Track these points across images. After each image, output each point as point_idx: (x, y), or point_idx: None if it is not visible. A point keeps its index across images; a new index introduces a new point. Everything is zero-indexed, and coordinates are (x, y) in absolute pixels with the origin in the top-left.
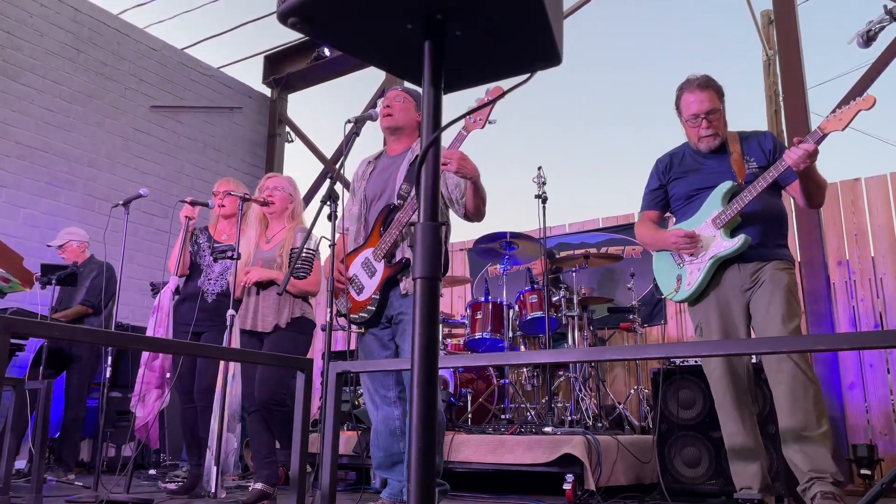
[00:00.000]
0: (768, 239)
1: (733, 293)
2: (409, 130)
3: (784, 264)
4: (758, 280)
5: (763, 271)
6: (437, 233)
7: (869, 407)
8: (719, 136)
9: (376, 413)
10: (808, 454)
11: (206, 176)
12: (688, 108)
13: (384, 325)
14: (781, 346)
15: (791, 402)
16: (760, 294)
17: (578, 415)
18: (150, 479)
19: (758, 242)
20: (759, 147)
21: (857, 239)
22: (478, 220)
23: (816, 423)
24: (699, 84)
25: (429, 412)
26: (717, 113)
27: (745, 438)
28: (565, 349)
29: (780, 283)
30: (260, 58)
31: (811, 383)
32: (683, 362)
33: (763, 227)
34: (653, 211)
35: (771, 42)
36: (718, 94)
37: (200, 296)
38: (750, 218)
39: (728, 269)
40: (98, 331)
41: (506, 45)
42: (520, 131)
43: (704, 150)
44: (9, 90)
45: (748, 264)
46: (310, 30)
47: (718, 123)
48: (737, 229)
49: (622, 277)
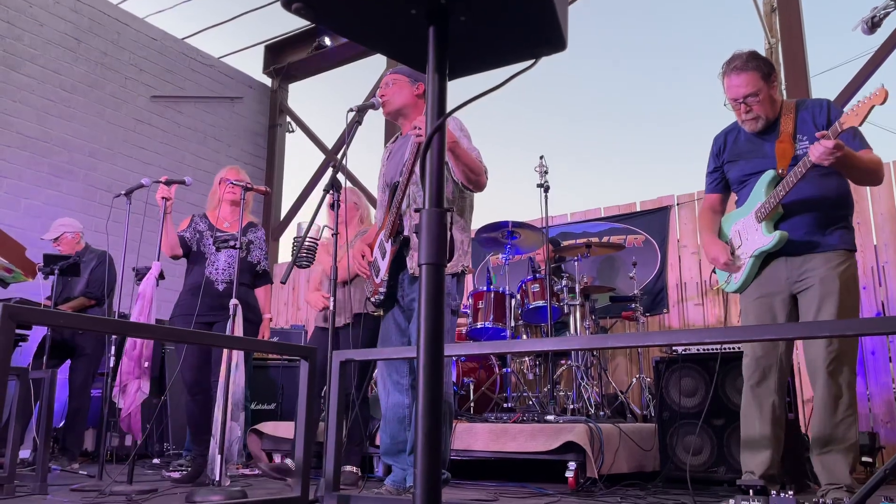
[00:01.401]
0: (817, 227)
1: (777, 286)
2: (411, 107)
3: (838, 257)
4: (806, 277)
5: (812, 267)
6: (443, 219)
7: (871, 395)
8: (762, 119)
9: (387, 399)
10: (828, 467)
11: (207, 166)
12: (728, 92)
13: (401, 309)
14: (785, 333)
15: (821, 415)
16: (809, 299)
17: (580, 403)
18: (153, 468)
19: (804, 232)
20: (813, 121)
21: (860, 227)
22: (478, 189)
23: (842, 438)
24: (737, 66)
25: (434, 399)
26: (758, 95)
27: (758, 427)
28: (568, 337)
29: (829, 290)
30: (260, 47)
31: (842, 396)
32: (685, 350)
33: (809, 216)
34: (713, 194)
35: (773, 30)
36: (762, 74)
37: (209, 285)
38: (793, 208)
39: (774, 262)
40: (103, 319)
41: (510, 30)
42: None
43: (750, 132)
44: (9, 80)
45: (795, 258)
46: (313, 16)
47: (760, 107)
48: (780, 220)
49: (624, 266)
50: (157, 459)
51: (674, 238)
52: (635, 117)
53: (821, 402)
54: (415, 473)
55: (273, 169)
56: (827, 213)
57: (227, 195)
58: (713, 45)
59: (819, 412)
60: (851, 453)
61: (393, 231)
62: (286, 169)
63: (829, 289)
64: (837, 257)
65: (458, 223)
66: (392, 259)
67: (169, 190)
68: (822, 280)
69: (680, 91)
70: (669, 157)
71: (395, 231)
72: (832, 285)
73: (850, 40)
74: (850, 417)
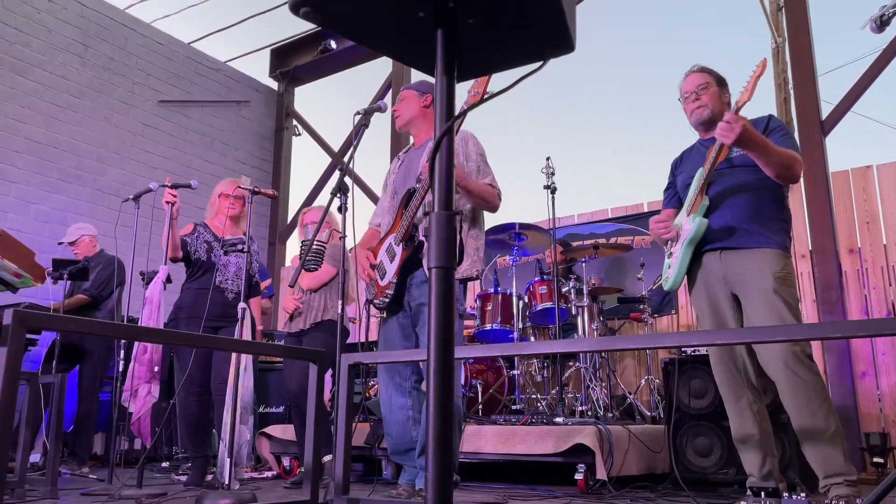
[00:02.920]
0: (745, 222)
1: (717, 281)
2: (421, 119)
3: (769, 256)
4: (740, 274)
5: (745, 265)
6: (452, 222)
7: (881, 395)
8: (707, 108)
9: (390, 401)
10: (819, 457)
11: (214, 170)
12: (682, 89)
13: (406, 313)
14: (793, 334)
15: (792, 406)
16: (745, 302)
17: (589, 405)
18: (162, 471)
19: (730, 225)
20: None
21: (869, 226)
22: (491, 212)
23: (824, 424)
24: (692, 70)
25: (446, 402)
26: (708, 88)
27: (742, 427)
28: (576, 339)
29: (761, 291)
30: (266, 51)
31: (804, 383)
32: (695, 351)
33: (736, 209)
34: (669, 209)
35: (780, 29)
36: (713, 77)
37: (220, 292)
38: (720, 200)
39: (707, 256)
40: (112, 324)
41: (518, 32)
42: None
43: (695, 123)
44: (18, 86)
45: (728, 251)
46: (321, 19)
47: (707, 97)
48: (709, 213)
49: (632, 267)
50: (165, 463)
51: None
52: (642, 117)
53: (789, 398)
54: (426, 478)
55: (280, 172)
56: (754, 210)
57: (229, 210)
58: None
59: (790, 407)
60: (839, 439)
61: (405, 235)
62: (293, 172)
63: (759, 293)
64: (769, 255)
65: (472, 233)
66: (403, 262)
67: (174, 194)
68: (756, 283)
69: None
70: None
71: (408, 235)
72: (763, 286)
73: (858, 39)
74: (825, 403)
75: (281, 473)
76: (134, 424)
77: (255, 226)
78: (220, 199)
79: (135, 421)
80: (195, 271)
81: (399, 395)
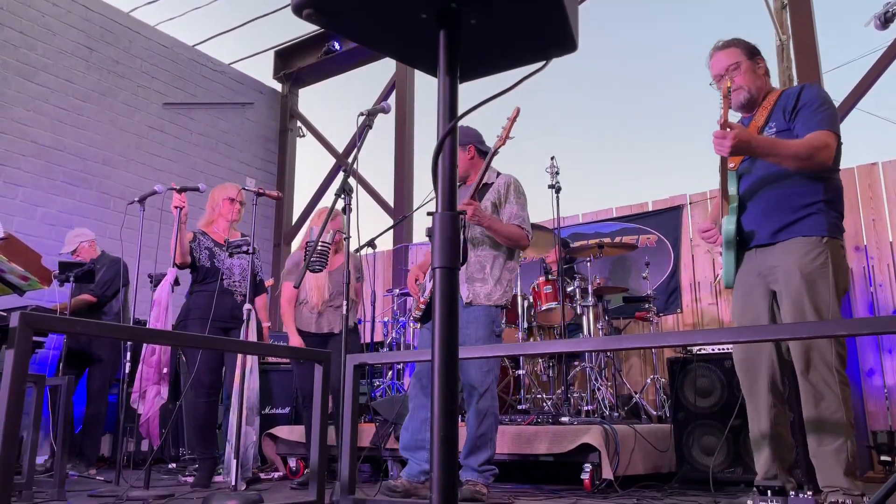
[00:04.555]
0: (771, 215)
1: (754, 279)
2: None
3: (797, 246)
4: (773, 269)
5: (777, 261)
6: (456, 222)
7: (888, 393)
8: (744, 90)
9: (415, 400)
10: (820, 469)
11: (219, 172)
12: (712, 70)
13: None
14: (801, 332)
15: (807, 416)
16: (779, 295)
17: (595, 405)
18: (169, 473)
19: (758, 222)
20: (783, 109)
21: (875, 224)
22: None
23: (829, 438)
24: (718, 46)
25: (450, 400)
26: (739, 67)
27: (755, 427)
28: (581, 338)
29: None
30: (270, 53)
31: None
32: (700, 350)
33: (763, 204)
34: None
35: (784, 26)
36: (742, 49)
37: (228, 294)
38: (749, 196)
39: (747, 255)
40: (119, 326)
41: (521, 32)
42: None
43: (735, 108)
44: (23, 90)
45: (763, 248)
46: (324, 21)
47: (742, 77)
48: (742, 212)
49: (636, 267)
50: (172, 464)
51: (686, 238)
52: (646, 117)
53: (803, 403)
54: (431, 476)
55: (284, 174)
56: (781, 198)
57: (233, 215)
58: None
59: (806, 415)
60: (843, 454)
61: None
62: (297, 173)
63: (793, 286)
64: (800, 245)
65: (508, 265)
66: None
67: (182, 198)
68: (786, 273)
69: (691, 90)
70: (681, 157)
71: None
72: (795, 281)
73: (863, 36)
74: (836, 415)
75: (287, 474)
76: (143, 426)
77: (260, 227)
78: (224, 203)
79: (143, 422)
80: (201, 276)
81: (423, 395)
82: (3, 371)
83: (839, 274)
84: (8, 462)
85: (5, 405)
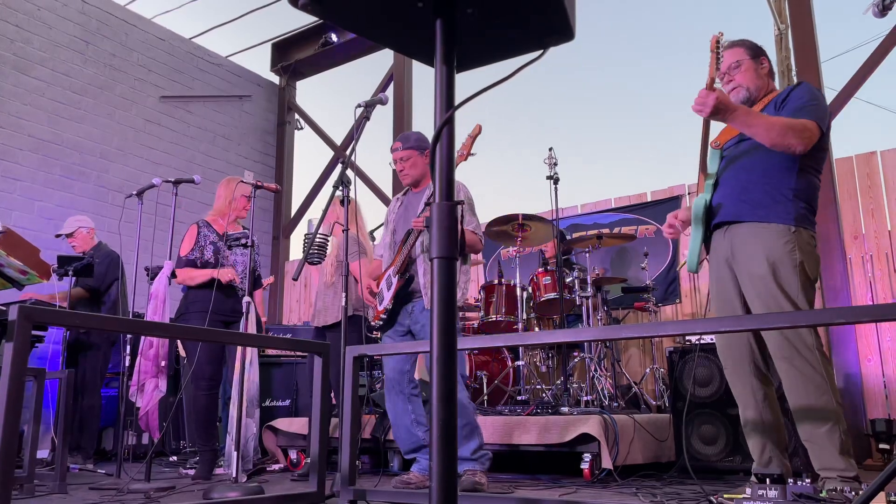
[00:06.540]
0: (745, 194)
1: (722, 261)
2: (425, 175)
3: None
4: (737, 252)
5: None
6: (454, 212)
7: (887, 381)
8: (742, 88)
9: (394, 408)
10: (814, 452)
11: (217, 165)
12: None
13: (398, 331)
14: (796, 321)
15: (790, 397)
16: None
17: (594, 395)
18: (170, 465)
19: (731, 198)
20: (776, 101)
21: (874, 213)
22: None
23: (819, 419)
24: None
25: (450, 391)
26: (741, 66)
27: (746, 414)
28: (581, 328)
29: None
30: (267, 45)
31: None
32: (699, 340)
33: (740, 182)
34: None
35: (783, 15)
36: (746, 49)
37: (230, 287)
38: (728, 175)
39: (715, 234)
40: (117, 318)
41: (518, 21)
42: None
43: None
44: (20, 84)
45: (732, 226)
46: (321, 11)
47: (742, 76)
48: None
49: (635, 257)
50: (173, 457)
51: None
52: (645, 107)
53: (787, 389)
54: (430, 466)
55: (282, 166)
56: (759, 179)
57: (244, 212)
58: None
59: (789, 399)
60: (836, 434)
61: (402, 268)
62: (295, 166)
63: (756, 269)
64: (771, 232)
65: (462, 268)
66: (396, 291)
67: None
68: (750, 258)
69: (689, 80)
70: (680, 147)
71: (404, 268)
72: (759, 265)
73: (861, 24)
74: (825, 397)
75: (288, 466)
76: (142, 419)
77: (259, 220)
78: (241, 200)
79: (142, 415)
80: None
81: (402, 401)
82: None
83: (808, 262)
84: (9, 455)
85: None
